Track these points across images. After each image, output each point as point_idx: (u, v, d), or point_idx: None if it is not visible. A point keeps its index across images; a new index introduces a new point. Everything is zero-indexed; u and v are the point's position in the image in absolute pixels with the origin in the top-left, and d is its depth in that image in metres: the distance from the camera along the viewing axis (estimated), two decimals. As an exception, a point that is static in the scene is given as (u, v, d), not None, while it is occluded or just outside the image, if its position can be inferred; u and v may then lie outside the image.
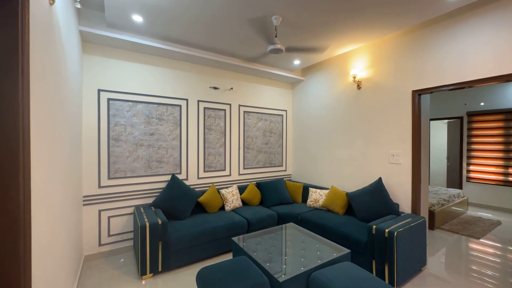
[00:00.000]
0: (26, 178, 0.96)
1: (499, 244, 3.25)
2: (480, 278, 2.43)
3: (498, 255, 2.93)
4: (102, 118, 2.80)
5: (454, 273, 2.53)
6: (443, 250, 3.08)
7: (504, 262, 2.77)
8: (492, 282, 2.37)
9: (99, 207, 2.79)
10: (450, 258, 2.87)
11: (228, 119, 3.80)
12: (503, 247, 3.15)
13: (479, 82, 2.25)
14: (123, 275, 2.46)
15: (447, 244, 3.27)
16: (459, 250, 3.11)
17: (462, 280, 2.40)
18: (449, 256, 2.93)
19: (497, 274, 2.50)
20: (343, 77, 3.57)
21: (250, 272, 1.77)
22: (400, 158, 2.88)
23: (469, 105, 5.30)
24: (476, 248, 3.15)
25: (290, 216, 3.30)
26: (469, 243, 3.32)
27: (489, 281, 2.39)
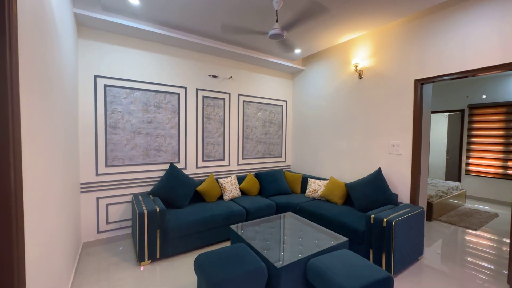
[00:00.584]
0: (16, 162, 0.93)
1: (495, 236, 3.27)
2: (474, 269, 2.45)
3: (493, 247, 2.95)
4: (99, 105, 2.75)
5: (450, 263, 2.55)
6: (440, 241, 3.10)
7: (499, 253, 2.79)
8: (486, 273, 2.39)
9: (97, 194, 2.77)
10: (447, 249, 2.89)
11: (228, 108, 3.75)
12: (498, 239, 3.18)
13: (484, 71, 2.20)
14: (121, 261, 2.47)
15: (444, 235, 3.29)
16: (455, 241, 3.13)
17: (457, 270, 2.42)
18: (446, 246, 2.96)
19: (492, 266, 2.53)
20: (345, 67, 3.51)
21: (248, 258, 1.77)
22: (400, 148, 2.86)
23: (471, 97, 5.25)
24: (472, 239, 3.17)
25: (289, 206, 3.31)
26: (465, 234, 3.34)
27: (484, 272, 2.41)
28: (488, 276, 2.31)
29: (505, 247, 2.92)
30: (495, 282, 2.21)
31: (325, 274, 1.65)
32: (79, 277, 2.20)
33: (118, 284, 2.10)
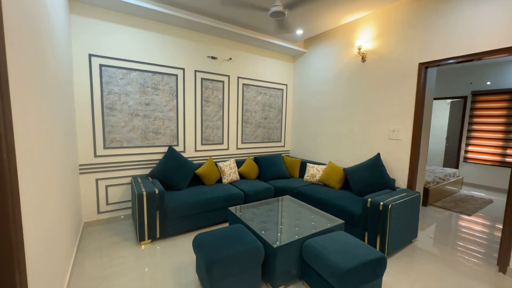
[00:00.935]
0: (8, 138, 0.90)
1: (488, 222, 3.34)
2: (465, 252, 2.52)
3: (485, 232, 3.02)
4: (95, 85, 2.69)
5: (442, 246, 2.62)
6: (434, 225, 3.17)
7: (490, 238, 2.86)
8: (477, 256, 2.46)
9: (96, 176, 2.79)
10: (440, 232, 2.96)
11: (227, 91, 3.68)
12: (491, 225, 3.24)
13: (492, 54, 2.13)
14: (122, 240, 2.53)
15: (438, 220, 3.36)
16: (449, 225, 3.20)
17: (449, 253, 2.49)
18: (439, 230, 3.02)
19: (483, 249, 2.59)
20: (348, 49, 3.40)
21: (245, 238, 1.81)
22: (400, 134, 2.84)
23: (475, 84, 5.15)
24: (466, 224, 3.24)
25: (287, 189, 3.34)
26: (459, 219, 3.41)
27: (475, 254, 2.48)
28: (478, 259, 2.38)
29: (497, 232, 2.99)
30: (484, 265, 2.28)
31: (320, 254, 1.69)
32: (81, 254, 2.26)
33: (119, 261, 2.16)
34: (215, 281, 1.60)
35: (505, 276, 2.10)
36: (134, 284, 1.88)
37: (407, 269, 2.17)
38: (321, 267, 1.65)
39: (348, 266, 1.52)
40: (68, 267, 1.88)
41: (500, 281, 2.04)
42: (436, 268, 2.20)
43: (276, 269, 1.77)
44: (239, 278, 1.69)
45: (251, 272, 1.74)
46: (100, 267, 2.08)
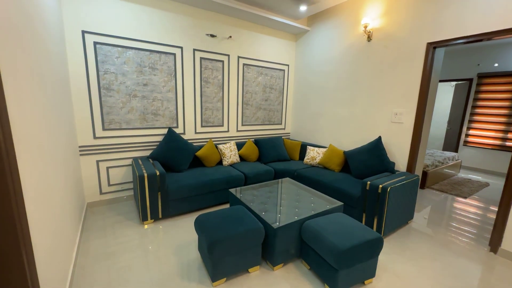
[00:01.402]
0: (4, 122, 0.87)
1: (483, 204, 3.41)
2: (458, 233, 2.60)
3: (480, 214, 3.10)
4: (90, 64, 2.59)
5: (437, 227, 2.70)
6: (429, 207, 3.24)
7: (484, 220, 2.94)
8: (469, 236, 2.54)
9: (97, 157, 2.79)
10: (435, 214, 3.03)
11: (227, 71, 3.57)
12: (486, 207, 3.32)
13: (505, 33, 2.03)
14: (125, 220, 2.60)
15: (435, 202, 3.43)
16: (444, 207, 3.27)
17: (442, 233, 2.57)
18: (435, 212, 3.10)
19: (476, 230, 2.67)
20: (353, 27, 3.24)
21: (246, 219, 1.85)
22: (403, 117, 2.80)
23: (482, 66, 5.00)
24: (461, 206, 3.31)
25: (287, 172, 3.37)
26: (455, 201, 3.48)
27: (467, 235, 2.56)
28: (470, 239, 2.46)
29: (490, 214, 3.07)
30: (476, 245, 2.36)
31: (319, 234, 1.74)
32: (86, 233, 2.33)
33: (123, 240, 2.23)
34: (216, 259, 1.65)
35: (496, 255, 2.18)
36: (138, 261, 1.95)
37: (401, 248, 2.25)
38: (319, 247, 1.70)
39: (346, 246, 1.57)
40: (74, 245, 1.94)
41: (491, 260, 2.12)
42: (430, 248, 2.28)
43: (276, 248, 1.83)
44: (239, 256, 1.75)
45: (251, 251, 1.80)
46: (105, 245, 2.15)
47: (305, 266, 1.94)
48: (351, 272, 1.64)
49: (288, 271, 1.89)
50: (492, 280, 1.88)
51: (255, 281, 1.77)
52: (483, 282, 1.86)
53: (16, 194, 0.93)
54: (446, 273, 1.93)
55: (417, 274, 1.91)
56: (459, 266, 2.03)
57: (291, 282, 1.77)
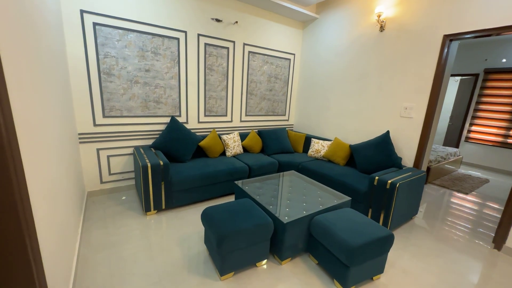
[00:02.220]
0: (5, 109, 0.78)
1: (484, 201, 3.44)
2: (462, 230, 2.62)
3: (481, 211, 3.12)
4: (89, 46, 2.44)
5: (440, 223, 2.71)
6: (432, 202, 3.25)
7: (486, 217, 2.96)
8: (473, 234, 2.56)
9: (97, 145, 2.69)
10: (438, 210, 3.04)
11: (231, 59, 3.43)
12: (487, 204, 3.35)
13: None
14: (127, 210, 2.54)
15: (437, 197, 3.44)
16: (446, 203, 3.28)
17: (446, 230, 2.58)
18: (437, 208, 3.11)
19: (479, 227, 2.69)
20: (366, 16, 3.11)
21: (255, 213, 1.80)
22: (412, 112, 2.74)
23: (489, 61, 4.92)
24: (463, 202, 3.33)
25: (291, 164, 3.32)
26: (457, 197, 3.50)
27: (471, 232, 2.58)
28: (474, 236, 2.48)
29: (492, 211, 3.09)
30: (480, 242, 2.37)
31: (329, 230, 1.71)
32: (88, 223, 2.27)
33: (126, 230, 2.18)
34: (225, 253, 1.62)
35: (500, 253, 2.20)
36: (143, 253, 1.91)
37: (407, 244, 2.25)
38: (330, 243, 1.67)
39: (357, 243, 1.54)
40: (77, 236, 1.89)
41: (495, 257, 2.14)
42: (434, 244, 2.28)
43: (284, 243, 1.80)
44: (248, 250, 1.72)
45: (260, 245, 1.77)
46: (107, 235, 2.10)
47: (312, 261, 1.93)
48: (361, 269, 1.63)
49: (296, 265, 1.88)
50: (497, 278, 1.89)
51: (263, 276, 1.75)
52: (488, 280, 1.87)
53: (19, 184, 0.85)
54: (451, 270, 1.94)
55: (423, 270, 1.91)
56: (463, 263, 2.04)
57: (299, 277, 1.76)
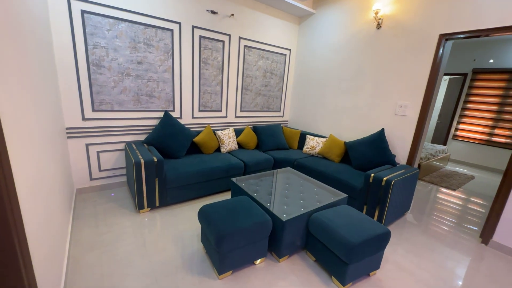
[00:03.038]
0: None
1: (470, 197, 3.57)
2: (450, 225, 2.71)
3: (468, 206, 3.24)
4: (77, 36, 2.31)
5: (430, 219, 2.79)
6: (423, 199, 3.34)
7: (473, 212, 3.07)
8: (460, 228, 2.65)
9: (86, 141, 2.57)
10: (428, 206, 3.13)
11: (227, 53, 3.35)
12: (473, 200, 3.48)
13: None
14: (119, 207, 2.46)
15: (427, 194, 3.54)
16: (435, 199, 3.39)
17: (435, 225, 2.66)
18: (427, 204, 3.20)
19: (465, 222, 2.79)
20: (363, 13, 3.10)
21: (253, 211, 1.78)
22: (407, 110, 2.78)
23: (478, 61, 5.07)
24: (451, 199, 3.45)
25: (286, 161, 3.31)
26: (445, 193, 3.61)
27: (458, 227, 2.67)
28: (462, 231, 2.57)
29: (478, 207, 3.22)
30: (468, 237, 2.46)
31: (328, 228, 1.71)
32: (78, 221, 2.18)
33: (119, 229, 2.10)
34: (225, 252, 1.59)
35: (487, 247, 2.29)
36: (137, 253, 1.85)
37: (400, 239, 2.30)
38: (328, 240, 1.68)
39: (357, 240, 1.55)
40: (67, 236, 1.80)
41: (483, 251, 2.22)
42: (426, 239, 2.35)
43: (283, 240, 1.79)
44: (247, 249, 1.70)
45: (258, 243, 1.75)
46: (99, 235, 2.02)
47: (310, 258, 1.93)
48: (359, 265, 1.65)
49: (294, 262, 1.88)
50: (485, 271, 1.96)
51: (262, 274, 1.74)
52: (476, 273, 1.94)
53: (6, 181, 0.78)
54: (443, 265, 1.99)
55: (417, 265, 1.96)
56: (454, 258, 2.10)
57: (297, 274, 1.76)
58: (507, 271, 1.97)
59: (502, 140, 4.82)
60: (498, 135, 4.87)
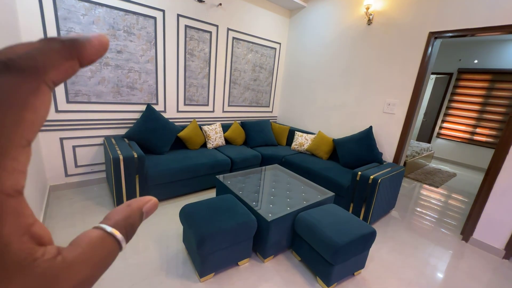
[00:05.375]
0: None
1: (452, 194, 3.67)
2: (433, 222, 2.77)
3: (450, 203, 3.33)
4: (48, 19, 2.11)
5: (414, 216, 2.83)
6: (408, 196, 3.40)
7: (454, 209, 3.16)
8: (443, 225, 2.71)
9: (60, 134, 2.39)
10: (412, 203, 3.19)
11: (214, 44, 3.21)
12: (455, 197, 3.58)
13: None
14: (97, 205, 2.32)
15: (411, 191, 3.61)
16: (420, 196, 3.45)
17: (418, 222, 2.71)
18: (411, 201, 3.26)
19: (447, 219, 2.86)
20: (354, 8, 3.04)
21: (237, 211, 1.71)
22: (395, 107, 2.77)
23: (463, 61, 5.17)
24: (434, 196, 3.53)
25: (274, 157, 3.26)
26: (428, 190, 3.69)
27: (441, 224, 2.73)
28: (445, 228, 2.62)
29: (459, 203, 3.31)
30: (450, 234, 2.52)
31: (314, 228, 1.67)
32: (51, 221, 2.03)
33: (95, 230, 1.98)
34: (206, 254, 1.51)
35: (467, 244, 2.34)
36: (114, 254, 1.74)
37: (385, 237, 2.31)
38: (315, 241, 1.64)
39: (343, 241, 1.52)
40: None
41: (464, 248, 2.27)
42: (410, 236, 2.37)
43: (268, 241, 1.74)
44: (230, 250, 1.63)
45: (242, 244, 1.69)
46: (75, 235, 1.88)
47: (296, 258, 1.89)
48: (344, 266, 1.62)
49: (279, 263, 1.83)
50: (465, 269, 2.00)
51: (245, 275, 1.68)
52: (458, 271, 1.98)
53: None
54: (426, 262, 2.02)
55: (402, 263, 1.97)
56: (436, 255, 2.14)
57: (282, 275, 1.71)
58: (485, 268, 2.02)
59: (483, 139, 4.98)
60: (480, 134, 5.02)
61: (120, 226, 0.18)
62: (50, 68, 0.14)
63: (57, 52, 0.15)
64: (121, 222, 0.19)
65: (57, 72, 0.15)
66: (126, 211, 0.20)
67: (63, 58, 0.15)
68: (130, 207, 0.20)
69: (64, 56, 0.15)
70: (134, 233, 0.19)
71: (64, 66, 0.15)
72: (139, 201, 0.20)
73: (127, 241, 0.18)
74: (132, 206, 0.20)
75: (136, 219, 0.20)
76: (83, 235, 0.17)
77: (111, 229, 0.18)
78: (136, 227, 0.19)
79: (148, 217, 0.37)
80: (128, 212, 0.20)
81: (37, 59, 0.14)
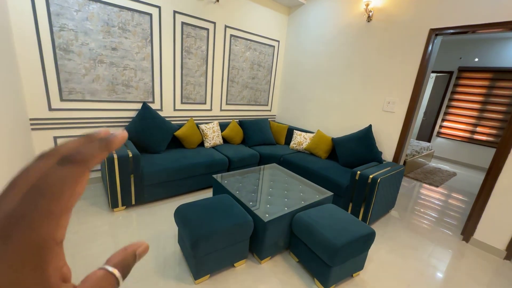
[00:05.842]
0: None
1: (453, 193, 3.64)
2: (433, 222, 2.73)
3: (451, 203, 3.30)
4: (40, 16, 2.06)
5: (414, 215, 2.80)
6: (407, 195, 3.36)
7: (455, 209, 3.12)
8: (443, 225, 2.68)
9: (54, 133, 2.35)
10: (412, 203, 3.15)
11: (212, 42, 3.16)
12: (455, 196, 3.54)
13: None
14: (91, 206, 2.28)
15: (411, 190, 3.57)
16: (419, 195, 3.42)
17: (418, 222, 2.67)
18: (411, 200, 3.22)
19: (448, 219, 2.82)
20: (354, 5, 2.99)
21: (234, 211, 1.67)
22: (395, 106, 2.73)
23: (463, 59, 5.12)
24: (434, 195, 3.49)
25: (273, 157, 3.22)
26: (428, 190, 3.66)
27: (441, 224, 2.69)
28: (445, 227, 2.59)
29: (460, 203, 3.27)
30: (450, 234, 2.48)
31: (312, 228, 1.63)
32: (42, 222, 1.99)
33: (90, 229, 1.94)
34: (201, 256, 1.48)
35: (468, 244, 2.31)
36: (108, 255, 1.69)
37: (384, 238, 2.28)
38: (312, 242, 1.60)
39: (341, 242, 1.48)
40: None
41: (464, 248, 2.24)
42: (409, 237, 2.34)
43: (265, 242, 1.70)
44: (225, 251, 1.59)
45: (238, 245, 1.65)
46: (67, 234, 1.83)
47: (293, 259, 1.86)
48: (342, 267, 1.59)
49: (276, 264, 1.80)
50: (466, 269, 1.97)
51: (242, 277, 1.65)
52: (458, 272, 1.94)
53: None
54: (426, 264, 1.98)
55: (401, 264, 1.94)
56: (436, 256, 2.10)
57: (279, 277, 1.68)
58: (486, 269, 1.99)
59: (483, 138, 4.95)
60: (480, 133, 4.99)
61: (118, 267, 0.23)
62: (92, 160, 0.20)
63: (97, 148, 0.20)
64: (119, 263, 0.23)
65: (96, 161, 0.20)
66: (123, 255, 0.24)
67: (100, 151, 0.20)
68: (126, 251, 0.24)
69: (101, 150, 0.21)
70: (129, 272, 0.23)
71: (101, 156, 0.20)
72: (134, 245, 0.25)
73: (124, 278, 0.23)
74: (127, 250, 0.24)
75: (131, 261, 0.24)
76: (91, 274, 0.22)
77: (112, 269, 0.22)
78: (131, 267, 0.24)
79: (142, 218, 1.45)
80: (125, 255, 0.24)
81: (85, 153, 0.19)
